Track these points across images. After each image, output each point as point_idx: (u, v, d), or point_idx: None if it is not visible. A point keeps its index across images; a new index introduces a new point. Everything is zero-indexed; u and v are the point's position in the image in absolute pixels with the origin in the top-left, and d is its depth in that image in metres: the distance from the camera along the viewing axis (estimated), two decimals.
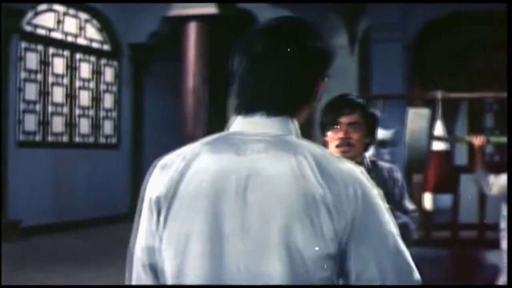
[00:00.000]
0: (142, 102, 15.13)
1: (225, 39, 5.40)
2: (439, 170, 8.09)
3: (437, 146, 8.13)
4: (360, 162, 3.81)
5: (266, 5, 12.03)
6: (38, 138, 12.90)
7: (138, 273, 1.86)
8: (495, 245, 7.20)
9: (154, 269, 1.83)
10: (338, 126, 3.75)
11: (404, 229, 3.66)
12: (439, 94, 7.85)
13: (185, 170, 1.78)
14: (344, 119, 3.74)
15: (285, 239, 1.65)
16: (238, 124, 1.83)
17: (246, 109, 1.82)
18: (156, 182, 1.82)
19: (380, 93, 11.14)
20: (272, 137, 1.77)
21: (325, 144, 3.82)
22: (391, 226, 1.75)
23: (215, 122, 8.01)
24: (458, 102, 13.19)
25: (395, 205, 3.70)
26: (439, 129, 8.04)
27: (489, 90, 11.24)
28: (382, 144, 9.11)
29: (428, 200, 8.02)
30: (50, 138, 13.22)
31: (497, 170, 7.20)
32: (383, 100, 10.50)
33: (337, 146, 3.75)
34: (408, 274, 1.73)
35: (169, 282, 1.78)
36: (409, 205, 3.91)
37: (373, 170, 3.86)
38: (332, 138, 3.78)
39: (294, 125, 1.82)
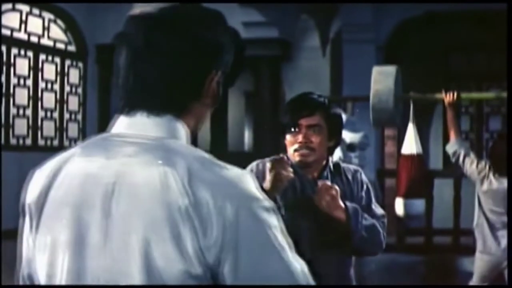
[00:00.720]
0: (108, 104, 14.80)
1: None
2: (411, 175, 7.77)
3: (409, 149, 7.82)
4: (323, 166, 3.56)
5: (233, 5, 11.72)
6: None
7: (20, 283, 1.76)
8: (470, 251, 6.98)
9: (31, 279, 1.71)
10: (297, 129, 3.43)
11: (371, 232, 3.41)
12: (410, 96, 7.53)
13: (56, 175, 1.65)
14: (303, 121, 3.44)
15: (144, 255, 1.48)
16: (118, 124, 1.67)
17: (128, 108, 1.66)
18: (31, 188, 1.72)
19: (350, 95, 10.86)
20: (149, 139, 1.59)
21: (285, 148, 3.56)
22: (279, 241, 1.51)
23: None
24: (432, 104, 13.01)
25: (362, 209, 3.46)
26: (411, 132, 7.73)
27: (465, 92, 10.99)
28: (351, 147, 8.85)
29: (399, 206, 7.70)
30: (13, 141, 12.91)
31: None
32: (353, 101, 10.24)
33: (295, 150, 3.44)
34: None
35: None
36: (378, 209, 3.61)
37: (337, 174, 3.60)
38: (290, 141, 3.49)
39: (180, 125, 1.65)
